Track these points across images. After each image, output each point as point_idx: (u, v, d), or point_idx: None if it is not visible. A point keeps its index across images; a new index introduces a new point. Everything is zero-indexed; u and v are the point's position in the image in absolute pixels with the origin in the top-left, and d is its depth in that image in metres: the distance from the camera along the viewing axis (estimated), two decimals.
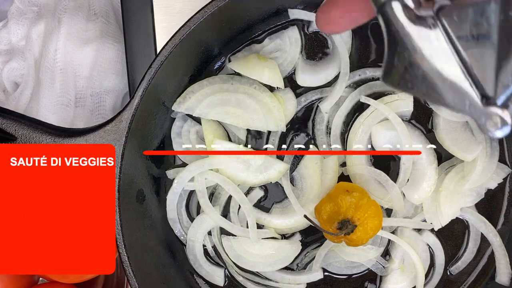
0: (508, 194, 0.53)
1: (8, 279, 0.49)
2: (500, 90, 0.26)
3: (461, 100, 0.27)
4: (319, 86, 0.53)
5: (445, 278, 0.54)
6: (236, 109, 0.51)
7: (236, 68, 0.52)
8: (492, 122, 0.26)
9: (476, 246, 0.53)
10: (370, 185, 0.52)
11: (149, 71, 0.44)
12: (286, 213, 0.53)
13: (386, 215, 0.53)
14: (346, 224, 0.46)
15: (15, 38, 0.63)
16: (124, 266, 0.45)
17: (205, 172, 0.52)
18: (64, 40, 0.59)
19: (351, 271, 0.54)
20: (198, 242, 0.53)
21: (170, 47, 0.44)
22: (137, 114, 0.45)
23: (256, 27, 0.53)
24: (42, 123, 0.46)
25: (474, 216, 0.53)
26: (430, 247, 0.53)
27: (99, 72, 0.61)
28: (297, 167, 0.53)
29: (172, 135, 0.53)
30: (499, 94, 0.26)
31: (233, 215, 0.53)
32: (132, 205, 0.48)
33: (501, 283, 0.53)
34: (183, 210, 0.54)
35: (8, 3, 0.65)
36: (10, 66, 0.63)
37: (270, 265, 0.53)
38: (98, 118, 0.61)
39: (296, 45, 0.53)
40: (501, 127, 0.26)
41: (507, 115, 0.26)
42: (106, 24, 0.62)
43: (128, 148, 0.45)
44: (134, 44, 0.56)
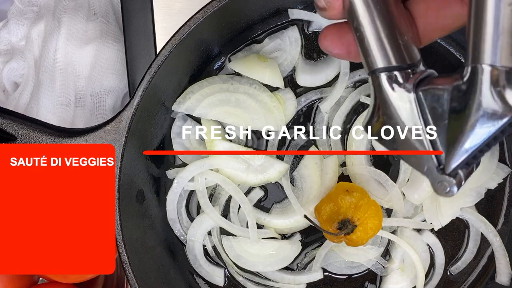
0: (508, 194, 0.53)
1: (8, 279, 0.49)
2: (450, 161, 0.32)
3: (421, 164, 0.33)
4: (319, 86, 0.53)
5: (445, 278, 0.54)
6: (236, 109, 0.51)
7: (236, 68, 0.52)
8: (442, 186, 0.32)
9: (476, 246, 0.53)
10: (370, 185, 0.52)
11: (149, 71, 0.44)
12: (286, 213, 0.53)
13: (386, 215, 0.53)
14: (346, 224, 0.46)
15: (15, 38, 0.63)
16: (124, 266, 0.45)
17: (205, 172, 0.52)
18: (64, 40, 0.59)
19: (351, 271, 0.54)
20: (198, 242, 0.53)
21: (170, 47, 0.44)
22: (137, 114, 0.45)
23: (256, 27, 0.53)
24: (42, 123, 0.46)
25: (474, 216, 0.53)
26: (430, 247, 0.53)
27: (99, 72, 0.61)
28: (297, 167, 0.53)
29: (172, 135, 0.53)
30: (450, 164, 0.32)
31: (233, 215, 0.53)
32: (132, 205, 0.48)
33: (501, 283, 0.53)
34: (183, 210, 0.54)
35: (8, 3, 0.65)
36: (10, 66, 0.63)
37: (270, 265, 0.53)
38: (98, 118, 0.61)
39: (296, 45, 0.53)
40: (448, 192, 0.32)
41: (454, 182, 0.32)
42: (106, 24, 0.62)
43: (128, 148, 0.45)
44: (134, 44, 0.56)
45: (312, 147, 0.53)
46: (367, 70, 0.34)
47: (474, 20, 0.29)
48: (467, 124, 0.31)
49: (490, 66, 0.29)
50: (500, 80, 0.29)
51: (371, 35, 0.33)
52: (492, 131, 0.31)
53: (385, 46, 0.33)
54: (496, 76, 0.29)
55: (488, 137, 0.31)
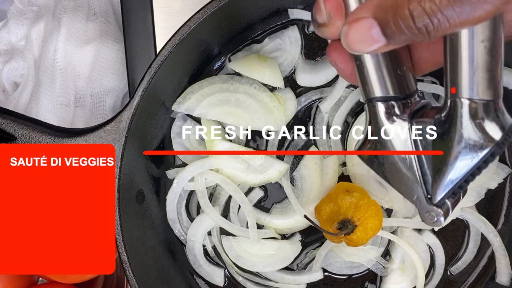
0: (508, 194, 0.53)
1: (8, 279, 0.49)
2: (436, 192, 0.34)
3: (411, 194, 0.35)
4: (319, 86, 0.53)
5: (445, 278, 0.54)
6: (236, 109, 0.51)
7: (236, 68, 0.52)
8: (430, 216, 0.35)
9: (476, 246, 0.53)
10: (370, 185, 0.52)
11: (149, 71, 0.44)
12: (286, 213, 0.53)
13: (386, 215, 0.53)
14: (346, 224, 0.46)
15: (15, 38, 0.63)
16: (124, 266, 0.45)
17: (205, 172, 0.52)
18: (63, 40, 0.59)
19: (351, 271, 0.54)
20: (198, 242, 0.53)
21: (170, 47, 0.44)
22: (137, 114, 0.45)
23: (256, 27, 0.53)
24: (42, 123, 0.46)
25: (474, 216, 0.53)
26: (430, 247, 0.53)
27: (99, 72, 0.61)
28: (297, 167, 0.53)
29: (172, 135, 0.53)
30: (436, 195, 0.34)
31: (233, 215, 0.53)
32: (132, 205, 0.48)
33: (501, 283, 0.53)
34: (183, 210, 0.54)
35: (8, 3, 0.65)
36: (10, 66, 0.63)
37: (270, 265, 0.53)
38: (98, 118, 0.61)
39: (296, 45, 0.53)
40: (436, 221, 0.35)
41: (440, 212, 0.34)
42: (106, 24, 0.62)
43: (128, 148, 0.45)
44: (134, 44, 0.56)
45: (312, 147, 0.53)
46: (363, 98, 0.36)
47: (450, 57, 0.31)
48: (450, 156, 0.33)
49: (469, 100, 0.31)
50: (479, 113, 0.31)
51: (370, 64, 0.34)
52: (474, 162, 0.32)
53: (384, 76, 0.34)
54: (475, 109, 0.31)
55: (471, 168, 0.33)
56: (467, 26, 0.28)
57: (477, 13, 0.26)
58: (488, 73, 0.30)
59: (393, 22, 0.28)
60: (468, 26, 0.28)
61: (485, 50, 0.30)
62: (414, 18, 0.27)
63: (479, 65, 0.30)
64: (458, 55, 0.30)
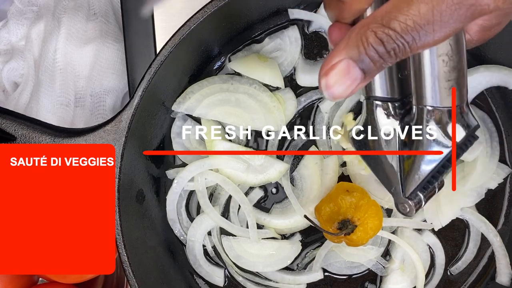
0: (508, 194, 0.53)
1: (8, 279, 0.49)
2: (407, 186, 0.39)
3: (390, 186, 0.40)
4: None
5: (445, 278, 0.54)
6: (236, 109, 0.51)
7: (236, 68, 0.52)
8: (403, 207, 0.39)
9: (477, 246, 0.53)
10: (370, 185, 0.52)
11: (149, 71, 0.44)
12: (286, 213, 0.53)
13: (386, 215, 0.53)
14: (346, 224, 0.46)
15: (14, 38, 0.63)
16: (124, 266, 0.45)
17: (205, 172, 0.52)
18: (63, 40, 0.59)
19: (351, 271, 0.54)
20: (198, 242, 0.53)
21: (170, 47, 0.44)
22: (137, 114, 0.45)
23: (256, 27, 0.53)
24: (42, 123, 0.46)
25: (474, 216, 0.53)
26: (430, 247, 0.53)
27: (99, 72, 0.61)
28: (297, 167, 0.53)
29: (172, 135, 0.53)
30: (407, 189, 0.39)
31: (233, 215, 0.53)
32: (132, 205, 0.48)
33: (502, 283, 0.53)
34: (183, 210, 0.54)
35: (8, 3, 0.65)
36: (10, 66, 0.63)
37: (270, 265, 0.53)
38: (98, 118, 0.61)
39: (296, 44, 0.53)
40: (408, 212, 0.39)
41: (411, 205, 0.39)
42: (105, 24, 0.61)
43: (128, 148, 0.45)
44: (134, 44, 0.56)
45: (312, 147, 0.53)
46: (364, 95, 0.39)
47: (414, 69, 0.35)
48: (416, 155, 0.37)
49: (432, 107, 0.35)
50: (443, 118, 0.35)
51: None
52: (438, 160, 0.37)
53: (385, 79, 0.37)
54: (439, 115, 0.35)
55: (436, 166, 0.37)
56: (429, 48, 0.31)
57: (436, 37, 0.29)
58: (448, 83, 0.34)
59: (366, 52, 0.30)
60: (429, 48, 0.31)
61: (443, 63, 0.33)
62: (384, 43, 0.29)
63: (438, 76, 0.34)
64: (421, 68, 0.34)
